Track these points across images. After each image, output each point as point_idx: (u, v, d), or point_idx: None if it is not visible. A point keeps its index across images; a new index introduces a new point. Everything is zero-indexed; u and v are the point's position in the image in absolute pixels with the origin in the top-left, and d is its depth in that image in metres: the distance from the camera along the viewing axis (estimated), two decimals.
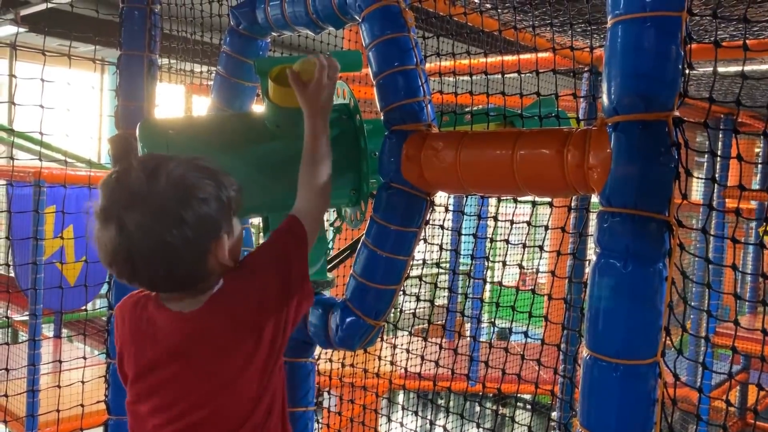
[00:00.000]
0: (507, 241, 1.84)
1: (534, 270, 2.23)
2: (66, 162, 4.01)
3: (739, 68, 3.62)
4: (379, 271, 1.49)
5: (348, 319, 1.50)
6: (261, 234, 1.67)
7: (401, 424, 3.67)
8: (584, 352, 1.11)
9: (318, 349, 1.84)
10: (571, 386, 3.61)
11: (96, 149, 9.31)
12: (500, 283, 2.80)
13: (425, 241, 1.74)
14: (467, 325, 5.81)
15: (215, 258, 1.21)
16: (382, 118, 1.52)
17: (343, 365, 4.19)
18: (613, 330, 1.07)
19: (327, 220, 1.73)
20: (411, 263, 1.52)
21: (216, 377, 1.23)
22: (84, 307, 5.31)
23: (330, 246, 1.73)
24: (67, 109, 2.68)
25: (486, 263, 4.14)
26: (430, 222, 1.55)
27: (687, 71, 1.07)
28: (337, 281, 1.73)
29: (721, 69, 4.35)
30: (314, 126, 1.42)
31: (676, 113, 1.06)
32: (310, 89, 1.41)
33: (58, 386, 2.71)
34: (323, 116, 1.43)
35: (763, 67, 4.07)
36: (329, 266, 1.73)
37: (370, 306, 1.49)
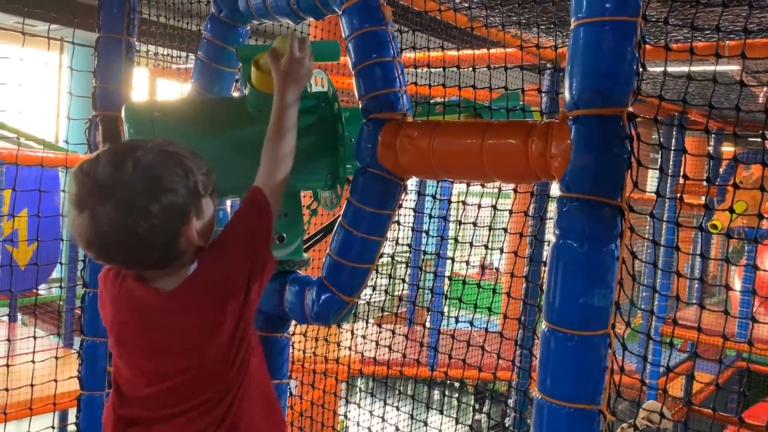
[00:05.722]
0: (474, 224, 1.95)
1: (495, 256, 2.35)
2: (19, 142, 3.95)
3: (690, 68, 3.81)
4: (354, 251, 1.57)
5: (324, 296, 1.59)
6: None
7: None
8: (543, 324, 1.23)
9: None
10: (529, 356, 3.83)
11: (54, 129, 9.11)
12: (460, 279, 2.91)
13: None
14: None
15: (186, 239, 1.29)
16: (360, 105, 1.60)
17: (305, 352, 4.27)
18: (569, 304, 1.19)
19: (304, 205, 1.81)
20: (384, 244, 1.61)
21: (189, 347, 1.33)
22: (35, 290, 5.24)
23: (305, 227, 1.81)
24: (19, 84, 2.65)
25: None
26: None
27: (641, 71, 1.18)
28: (313, 262, 1.81)
29: (675, 69, 4.55)
30: (282, 98, 1.48)
31: (630, 109, 1.17)
32: (282, 62, 1.49)
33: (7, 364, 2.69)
34: (293, 89, 1.49)
35: (712, 68, 4.27)
36: (305, 246, 1.81)
37: (345, 283, 1.58)
